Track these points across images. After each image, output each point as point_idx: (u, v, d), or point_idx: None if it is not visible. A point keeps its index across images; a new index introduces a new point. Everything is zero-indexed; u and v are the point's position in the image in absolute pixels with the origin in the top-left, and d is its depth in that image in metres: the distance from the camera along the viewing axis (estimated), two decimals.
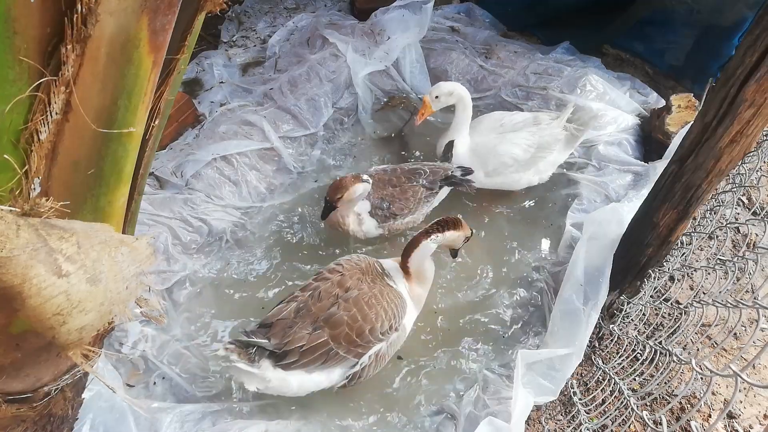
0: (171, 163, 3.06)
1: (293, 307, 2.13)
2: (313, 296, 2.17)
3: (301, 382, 2.12)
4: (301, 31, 3.97)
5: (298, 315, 2.12)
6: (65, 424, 1.49)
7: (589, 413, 2.18)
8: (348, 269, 2.28)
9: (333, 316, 2.12)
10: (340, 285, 2.21)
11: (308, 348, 2.06)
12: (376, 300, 2.20)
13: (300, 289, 2.24)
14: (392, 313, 2.23)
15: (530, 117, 3.07)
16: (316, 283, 2.23)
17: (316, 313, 2.13)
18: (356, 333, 2.12)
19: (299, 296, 2.18)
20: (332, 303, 2.15)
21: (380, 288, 2.25)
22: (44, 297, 0.84)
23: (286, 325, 2.09)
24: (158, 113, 1.14)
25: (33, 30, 0.82)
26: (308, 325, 2.10)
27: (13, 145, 0.89)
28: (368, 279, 2.27)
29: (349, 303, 2.15)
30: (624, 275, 2.43)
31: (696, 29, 3.52)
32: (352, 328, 2.12)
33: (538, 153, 3.01)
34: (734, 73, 1.74)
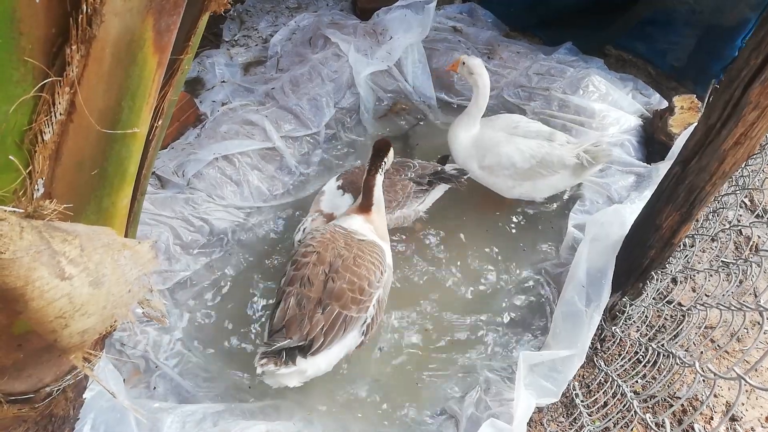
0: (172, 162, 3.06)
1: (293, 303, 2.17)
2: (304, 284, 2.22)
3: (328, 359, 2.21)
4: (303, 30, 3.96)
5: (301, 306, 2.17)
6: (66, 424, 1.49)
7: (591, 415, 2.17)
8: (319, 245, 2.33)
9: (333, 290, 2.20)
10: (322, 262, 2.27)
11: (328, 326, 2.15)
12: (360, 257, 2.31)
13: (287, 284, 2.25)
14: (377, 260, 2.36)
15: (547, 131, 2.98)
16: (299, 272, 2.25)
17: (315, 296, 2.19)
18: (359, 292, 2.23)
19: (291, 290, 2.21)
20: (324, 281, 2.23)
21: (356, 245, 2.36)
22: (47, 300, 0.84)
23: (298, 320, 2.14)
24: (161, 113, 1.13)
25: (38, 31, 0.82)
26: (317, 309, 2.17)
27: (17, 146, 0.89)
28: (341, 244, 2.36)
29: (339, 273, 2.24)
30: (626, 277, 2.43)
31: (698, 30, 3.52)
32: (354, 290, 2.23)
33: (538, 168, 2.90)
34: (739, 75, 1.74)
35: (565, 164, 2.89)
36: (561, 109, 3.47)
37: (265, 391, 2.44)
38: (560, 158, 2.88)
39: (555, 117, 3.45)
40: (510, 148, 2.92)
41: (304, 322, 2.13)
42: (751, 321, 2.64)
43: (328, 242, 2.34)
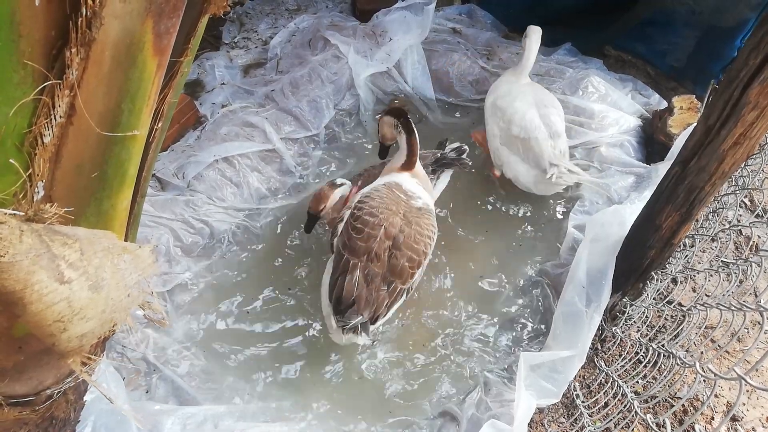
0: (172, 164, 3.06)
1: (360, 277, 2.28)
2: (372, 258, 2.31)
3: (385, 319, 2.39)
4: (303, 32, 3.96)
5: (368, 281, 2.29)
6: (67, 426, 1.49)
7: (592, 416, 2.17)
8: (385, 218, 2.38)
9: (397, 267, 2.32)
10: (389, 237, 2.36)
11: (391, 301, 2.33)
12: (419, 233, 2.42)
13: (351, 253, 2.32)
14: (432, 232, 2.50)
15: (560, 132, 2.99)
16: (366, 245, 2.32)
17: (380, 272, 2.31)
18: (417, 266, 2.38)
19: (357, 262, 2.30)
20: (388, 256, 2.35)
21: (415, 219, 2.44)
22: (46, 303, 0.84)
23: (365, 296, 2.27)
24: (161, 116, 1.14)
25: (37, 33, 0.82)
26: (382, 285, 2.31)
27: (17, 149, 0.89)
28: (400, 215, 2.43)
29: (402, 251, 2.35)
30: (626, 277, 2.43)
31: (697, 30, 3.52)
32: (413, 266, 2.37)
33: (520, 143, 2.97)
34: (738, 75, 1.74)
35: (538, 162, 2.95)
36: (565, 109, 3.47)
37: (266, 392, 2.44)
38: (539, 153, 2.94)
39: None
40: (521, 106, 2.97)
41: (372, 298, 2.28)
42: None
43: (390, 213, 2.40)
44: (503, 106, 3.05)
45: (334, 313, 2.28)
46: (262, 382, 2.49)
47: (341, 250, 2.35)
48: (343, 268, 2.31)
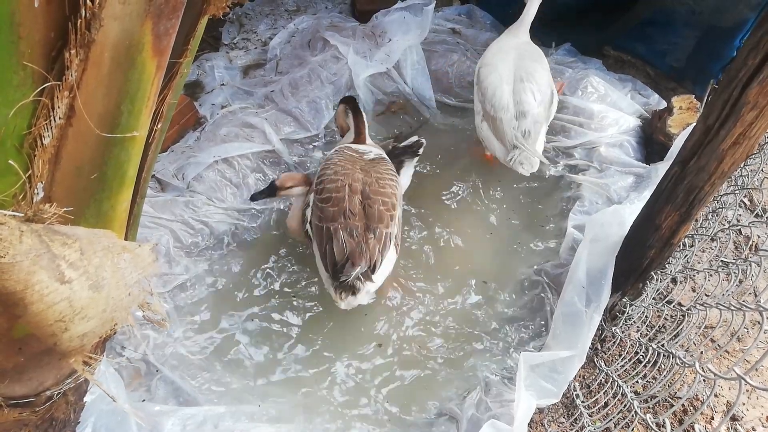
0: (172, 165, 3.06)
1: (345, 236, 2.36)
2: (348, 216, 2.41)
3: (383, 273, 2.48)
4: (302, 33, 3.97)
5: (353, 236, 2.38)
6: (67, 427, 1.49)
7: (592, 416, 2.17)
8: (346, 174, 2.53)
9: (374, 214, 2.43)
10: (354, 192, 2.48)
11: (382, 245, 2.40)
12: (381, 179, 2.56)
13: (328, 221, 2.41)
14: (393, 175, 2.65)
15: (527, 111, 2.91)
16: (338, 207, 2.43)
17: (361, 224, 2.41)
18: (392, 208, 2.49)
19: (337, 225, 2.38)
20: (362, 207, 2.46)
21: (372, 168, 2.61)
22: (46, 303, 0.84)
23: (358, 249, 2.35)
24: (161, 117, 1.14)
25: (37, 35, 0.82)
26: (368, 234, 2.40)
27: (16, 150, 0.89)
28: (359, 170, 2.58)
29: (372, 198, 2.47)
30: (626, 277, 2.43)
31: (697, 30, 3.52)
32: (388, 209, 2.47)
33: (492, 123, 2.97)
34: (737, 75, 1.74)
35: (503, 142, 2.96)
36: (559, 110, 3.46)
37: (266, 393, 2.44)
38: (503, 133, 2.93)
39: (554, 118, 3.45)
40: (495, 80, 2.98)
41: (362, 248, 2.35)
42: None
43: (349, 172, 2.54)
44: (482, 78, 3.04)
45: (333, 278, 2.33)
46: (263, 382, 2.49)
47: (319, 225, 2.43)
48: (327, 237, 2.38)
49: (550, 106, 3.08)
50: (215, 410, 2.21)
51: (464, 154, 3.52)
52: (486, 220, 3.17)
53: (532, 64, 3.04)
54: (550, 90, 3.05)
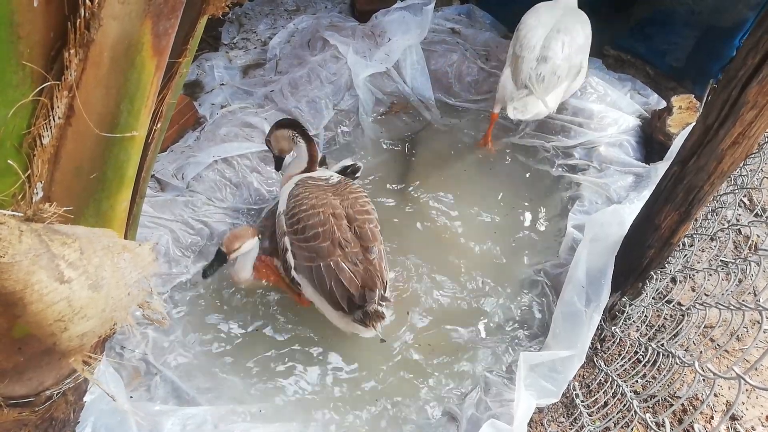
0: (172, 165, 3.06)
1: (349, 266, 2.27)
2: (342, 245, 2.30)
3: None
4: (302, 32, 3.97)
5: (359, 264, 2.28)
6: (67, 427, 1.49)
7: (591, 415, 2.17)
8: (324, 204, 2.39)
9: (366, 234, 2.35)
10: (339, 218, 2.36)
11: (384, 261, 2.37)
12: (356, 198, 2.47)
13: (327, 256, 2.27)
14: (362, 192, 2.57)
15: (550, 57, 2.94)
16: (333, 240, 2.30)
17: (357, 249, 2.32)
18: (377, 223, 2.45)
19: (336, 258, 2.26)
20: (353, 232, 2.36)
21: (345, 191, 2.50)
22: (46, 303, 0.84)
23: (368, 274, 2.26)
24: (160, 116, 1.14)
25: (36, 34, 0.82)
26: (369, 255, 2.32)
27: (15, 150, 0.89)
28: (331, 195, 2.46)
29: (358, 219, 2.38)
30: (626, 277, 2.43)
31: (696, 30, 3.52)
32: (375, 224, 2.43)
33: (514, 63, 3.00)
34: (736, 74, 1.74)
35: (516, 80, 3.00)
36: (559, 111, 3.46)
37: (266, 393, 2.44)
38: (519, 71, 2.96)
39: (553, 118, 3.45)
40: (532, 22, 3.04)
41: (371, 271, 2.27)
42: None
43: (326, 201, 2.41)
44: (522, 20, 3.06)
45: (350, 313, 2.23)
46: (262, 382, 2.49)
47: (313, 265, 2.29)
48: (329, 275, 2.25)
49: (577, 73, 3.08)
50: (215, 410, 2.21)
51: (463, 154, 3.52)
52: (485, 220, 3.17)
53: (575, 24, 3.05)
54: (581, 56, 3.04)
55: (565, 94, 3.19)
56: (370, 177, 3.37)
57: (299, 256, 2.35)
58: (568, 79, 3.08)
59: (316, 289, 2.31)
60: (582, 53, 3.06)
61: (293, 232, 2.38)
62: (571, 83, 3.13)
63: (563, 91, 3.13)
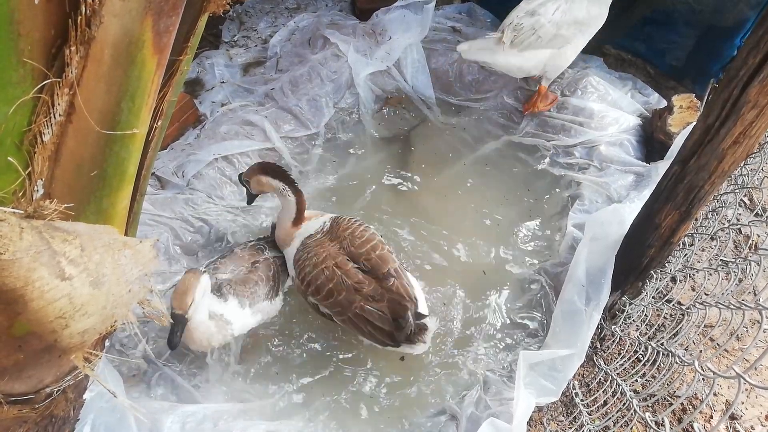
0: (172, 163, 3.06)
1: (374, 307, 2.27)
2: (357, 289, 2.29)
3: (419, 293, 2.44)
4: (303, 31, 3.96)
5: (381, 299, 2.28)
6: (67, 424, 1.49)
7: (591, 414, 2.18)
8: (324, 259, 2.36)
9: (377, 263, 2.33)
10: (342, 265, 2.34)
11: (405, 278, 2.36)
12: (353, 231, 2.45)
13: (348, 309, 2.29)
14: (355, 218, 2.55)
15: (536, 12, 2.97)
16: (343, 295, 2.29)
17: (373, 284, 2.31)
18: (381, 242, 2.44)
19: (359, 304, 2.28)
20: (361, 269, 2.34)
21: (339, 229, 2.47)
22: (47, 300, 0.84)
23: (394, 305, 2.26)
24: (161, 114, 1.14)
25: (37, 32, 0.82)
26: (387, 282, 2.30)
27: (16, 147, 0.89)
28: (328, 244, 2.43)
29: (362, 251, 2.36)
30: (626, 276, 2.43)
31: (697, 29, 3.52)
32: (381, 246, 2.41)
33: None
34: (737, 74, 1.74)
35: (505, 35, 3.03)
36: (560, 110, 3.47)
37: (265, 391, 2.44)
38: (508, 18, 3.03)
39: (554, 117, 3.46)
40: None
41: (397, 298, 2.26)
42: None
43: (324, 253, 2.38)
44: None
45: (400, 339, 2.27)
46: (262, 380, 2.49)
47: (343, 318, 2.33)
48: (362, 321, 2.28)
49: (561, 47, 3.08)
50: (215, 408, 2.21)
51: (464, 152, 3.52)
52: (485, 219, 3.17)
53: (582, 2, 3.02)
54: (573, 30, 3.04)
55: (541, 68, 3.18)
56: (369, 175, 3.37)
57: (331, 312, 2.38)
58: (549, 47, 3.07)
59: (362, 334, 2.36)
60: (576, 29, 3.04)
61: (312, 294, 2.39)
62: (551, 60, 3.12)
63: (537, 62, 3.13)
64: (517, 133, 3.57)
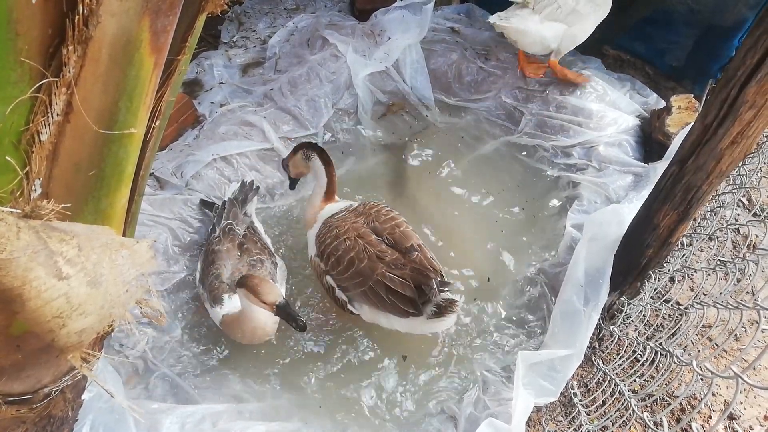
0: (171, 163, 3.06)
1: (396, 273, 2.26)
2: (379, 257, 2.30)
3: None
4: (301, 31, 3.97)
5: (403, 267, 2.28)
6: (65, 425, 1.49)
7: (589, 414, 2.18)
8: (347, 231, 2.40)
9: (400, 238, 2.37)
10: (366, 236, 2.37)
11: (428, 253, 2.38)
12: (379, 211, 2.51)
13: (369, 278, 2.29)
14: (386, 206, 2.60)
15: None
16: (365, 263, 2.30)
17: (396, 254, 2.33)
18: (406, 224, 2.49)
19: (381, 271, 2.27)
20: (384, 241, 2.37)
21: (366, 209, 2.52)
22: (44, 300, 0.84)
23: (416, 273, 2.26)
24: (159, 114, 1.14)
25: (35, 31, 0.82)
26: (411, 255, 2.31)
27: (14, 147, 0.89)
28: (353, 220, 2.47)
29: (387, 227, 2.41)
30: (624, 276, 2.43)
31: (696, 29, 3.52)
32: (406, 226, 2.47)
33: None
34: (735, 74, 1.75)
35: None
36: (558, 110, 3.47)
37: (264, 392, 2.44)
38: None
39: (552, 117, 3.46)
40: None
41: (420, 266, 2.27)
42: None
43: (349, 226, 2.42)
44: None
45: (422, 311, 2.23)
46: (261, 380, 2.49)
47: (363, 290, 2.31)
48: (384, 289, 2.25)
49: (574, 22, 3.18)
50: (213, 408, 2.21)
51: (462, 153, 3.52)
52: (484, 219, 3.17)
53: None
54: (589, 7, 3.15)
55: (558, 42, 3.29)
56: (368, 176, 3.37)
57: (349, 287, 2.37)
58: (566, 22, 3.19)
59: (378, 308, 2.32)
60: (591, 8, 3.16)
61: (332, 268, 2.39)
62: (565, 35, 3.24)
63: (555, 33, 3.23)
64: (516, 133, 3.58)
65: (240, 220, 2.63)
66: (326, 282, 2.47)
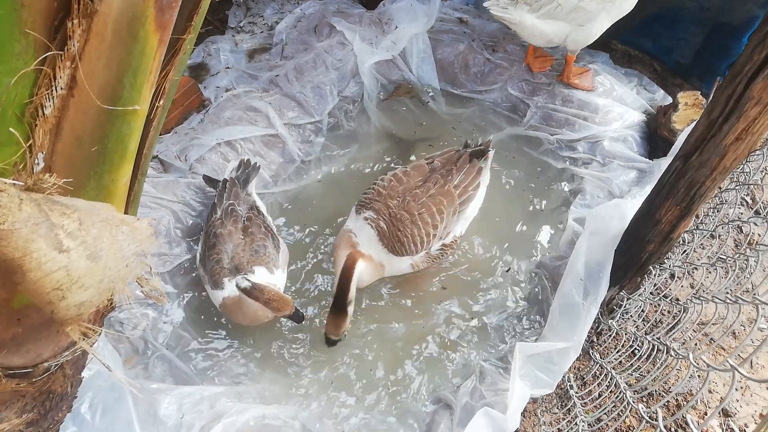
0: (175, 146, 3.07)
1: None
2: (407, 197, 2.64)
3: None
4: (309, 18, 3.95)
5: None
6: (64, 401, 1.50)
7: (585, 406, 2.19)
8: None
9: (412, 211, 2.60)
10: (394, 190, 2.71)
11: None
12: (424, 203, 2.66)
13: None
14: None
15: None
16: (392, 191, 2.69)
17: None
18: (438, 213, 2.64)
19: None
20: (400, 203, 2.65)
21: (413, 198, 2.67)
22: (44, 271, 0.85)
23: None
24: (163, 93, 1.14)
25: (39, 3, 0.82)
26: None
27: (17, 119, 0.89)
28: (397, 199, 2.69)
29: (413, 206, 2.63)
30: (624, 271, 2.43)
31: (705, 27, 3.50)
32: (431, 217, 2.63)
33: None
34: (742, 70, 1.73)
35: None
36: (564, 104, 3.46)
37: (262, 374, 2.46)
38: None
39: (558, 111, 3.44)
40: None
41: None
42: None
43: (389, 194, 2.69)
44: None
45: None
46: (259, 364, 2.51)
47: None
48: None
49: (581, 24, 3.09)
50: (212, 390, 2.23)
51: None
52: (486, 212, 3.17)
53: None
54: (595, 5, 3.03)
55: (564, 39, 3.19)
56: (372, 164, 3.37)
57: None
58: (570, 20, 3.08)
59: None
60: (600, 5, 3.02)
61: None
62: (573, 34, 3.14)
63: (558, 31, 3.14)
64: (521, 125, 3.57)
65: (242, 200, 2.63)
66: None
